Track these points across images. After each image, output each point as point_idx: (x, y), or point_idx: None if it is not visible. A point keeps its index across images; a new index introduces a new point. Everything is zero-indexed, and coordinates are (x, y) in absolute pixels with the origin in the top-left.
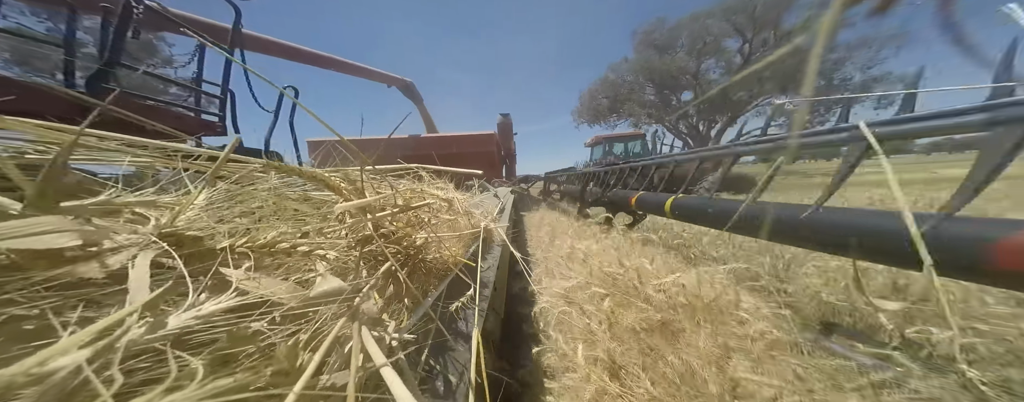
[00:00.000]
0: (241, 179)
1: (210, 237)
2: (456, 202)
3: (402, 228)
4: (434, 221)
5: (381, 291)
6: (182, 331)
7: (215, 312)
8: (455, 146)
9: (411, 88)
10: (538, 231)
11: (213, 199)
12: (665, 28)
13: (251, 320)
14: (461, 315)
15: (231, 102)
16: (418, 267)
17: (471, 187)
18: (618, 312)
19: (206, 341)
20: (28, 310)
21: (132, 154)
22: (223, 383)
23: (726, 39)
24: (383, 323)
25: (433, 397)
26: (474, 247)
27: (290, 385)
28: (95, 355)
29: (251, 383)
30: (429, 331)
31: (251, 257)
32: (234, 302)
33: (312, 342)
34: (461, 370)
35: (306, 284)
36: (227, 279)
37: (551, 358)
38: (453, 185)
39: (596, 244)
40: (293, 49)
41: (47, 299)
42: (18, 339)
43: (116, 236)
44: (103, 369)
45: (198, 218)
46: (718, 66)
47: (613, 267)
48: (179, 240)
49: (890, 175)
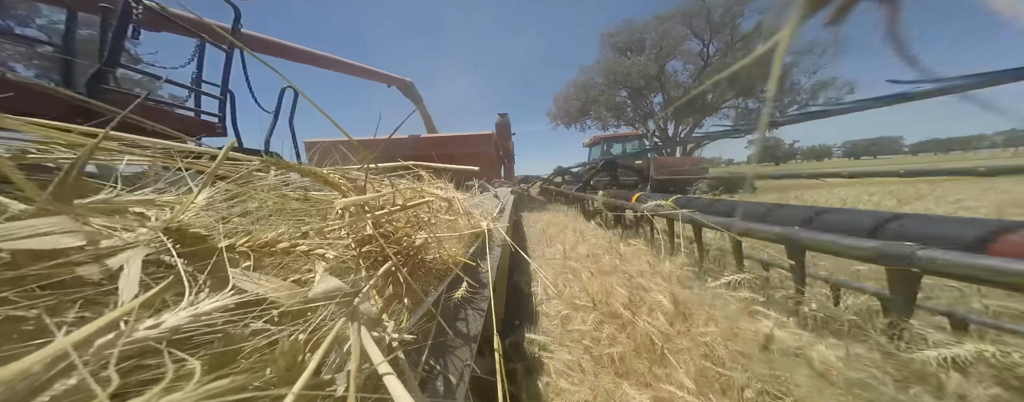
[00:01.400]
0: (241, 178)
1: (211, 236)
2: (456, 202)
3: (402, 228)
4: (434, 221)
5: (381, 291)
6: (179, 330)
7: (213, 311)
8: (454, 146)
9: (411, 88)
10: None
11: (214, 198)
12: (630, 30)
13: (249, 320)
14: (461, 315)
15: (231, 102)
16: (418, 267)
17: (471, 187)
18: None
19: (205, 341)
20: (25, 310)
21: (132, 154)
22: (220, 383)
23: (687, 42)
24: (382, 323)
25: (433, 397)
26: (474, 247)
27: (289, 385)
28: (89, 355)
29: (249, 383)
30: (429, 331)
31: (251, 256)
32: (232, 301)
33: (310, 342)
34: (461, 370)
35: (305, 284)
36: (226, 278)
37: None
38: (453, 185)
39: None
40: (293, 49)
41: (45, 299)
42: (16, 339)
43: (118, 235)
44: (100, 369)
45: (199, 217)
46: (685, 69)
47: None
48: (181, 238)
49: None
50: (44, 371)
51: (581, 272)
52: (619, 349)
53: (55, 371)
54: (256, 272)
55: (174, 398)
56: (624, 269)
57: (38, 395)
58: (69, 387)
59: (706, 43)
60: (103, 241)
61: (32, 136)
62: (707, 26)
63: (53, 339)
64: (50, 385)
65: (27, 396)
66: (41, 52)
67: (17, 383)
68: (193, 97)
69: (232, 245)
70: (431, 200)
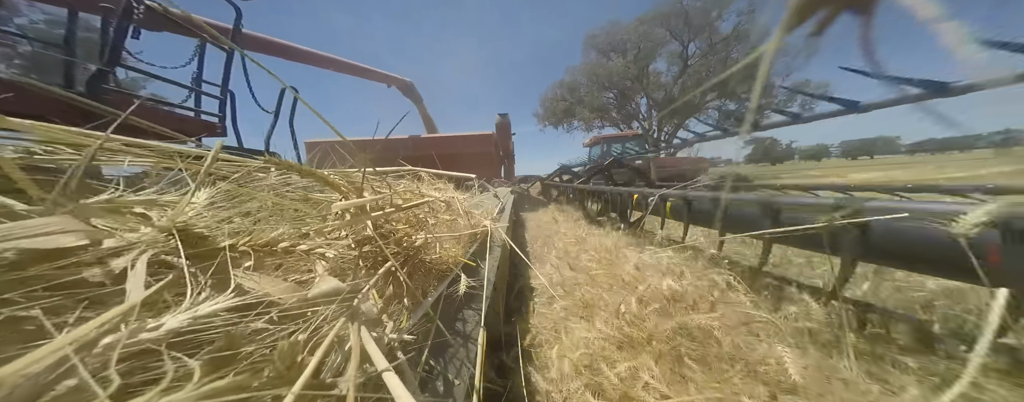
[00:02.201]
0: (242, 179)
1: (213, 236)
2: (455, 202)
3: (402, 229)
4: (433, 222)
5: (380, 291)
6: (180, 331)
7: (213, 312)
8: (454, 146)
9: (411, 88)
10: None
11: (215, 198)
12: (613, 32)
13: (250, 320)
14: (460, 315)
15: (231, 103)
16: (418, 267)
17: (471, 187)
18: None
19: (206, 341)
20: (27, 310)
21: (134, 154)
22: (219, 385)
23: (668, 44)
24: (382, 324)
25: (433, 397)
26: (474, 247)
27: (289, 385)
28: (88, 355)
29: (247, 383)
30: (429, 331)
31: (252, 256)
32: (233, 302)
33: (310, 342)
34: (460, 370)
35: (305, 284)
36: (228, 278)
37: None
38: (453, 185)
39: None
40: (293, 49)
41: (48, 300)
42: (18, 339)
43: (120, 235)
44: (102, 369)
45: (201, 217)
46: (669, 71)
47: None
48: (185, 237)
49: None
50: (45, 372)
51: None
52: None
53: (55, 374)
54: (257, 272)
55: (174, 398)
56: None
57: (41, 395)
58: (71, 387)
59: (685, 45)
60: (106, 241)
61: (33, 136)
62: (686, 28)
63: (53, 339)
64: (52, 387)
65: (29, 397)
66: (22, 51)
67: (16, 383)
68: (193, 97)
69: (234, 245)
70: (430, 200)
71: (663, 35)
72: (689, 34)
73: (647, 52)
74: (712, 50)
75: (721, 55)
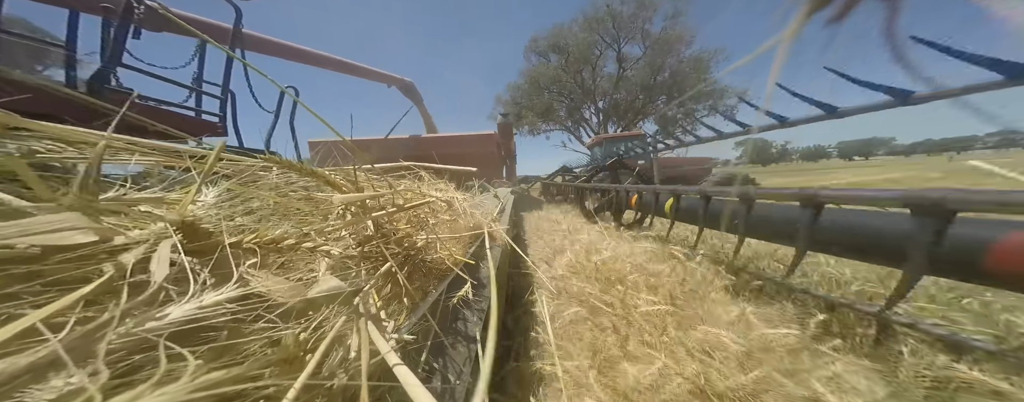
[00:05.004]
0: (246, 178)
1: (219, 233)
2: (456, 202)
3: (403, 228)
4: (434, 222)
5: (380, 291)
6: (182, 324)
7: (218, 302)
8: (455, 146)
9: (411, 88)
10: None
11: (220, 196)
12: (554, 36)
13: (251, 317)
14: (460, 315)
15: (232, 103)
16: (418, 267)
17: (471, 187)
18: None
19: (209, 336)
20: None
21: (138, 151)
22: (215, 376)
23: (605, 48)
24: (381, 323)
25: (433, 396)
26: (474, 247)
27: (293, 377)
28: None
29: (245, 375)
30: (429, 331)
31: (257, 253)
32: (238, 293)
33: (310, 340)
34: (460, 370)
35: (307, 283)
36: (232, 274)
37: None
38: (454, 185)
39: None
40: (293, 49)
41: (53, 294)
42: (20, 335)
43: (126, 234)
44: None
45: (207, 214)
46: (609, 75)
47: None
48: (192, 233)
49: None
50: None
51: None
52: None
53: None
54: (262, 270)
55: (170, 389)
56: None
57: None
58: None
59: (618, 49)
60: (117, 238)
61: (38, 135)
62: (616, 32)
63: (53, 339)
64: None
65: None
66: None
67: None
68: (194, 97)
69: (239, 242)
70: (431, 200)
71: (595, 39)
72: (619, 38)
73: (582, 54)
74: (646, 53)
75: (657, 59)
